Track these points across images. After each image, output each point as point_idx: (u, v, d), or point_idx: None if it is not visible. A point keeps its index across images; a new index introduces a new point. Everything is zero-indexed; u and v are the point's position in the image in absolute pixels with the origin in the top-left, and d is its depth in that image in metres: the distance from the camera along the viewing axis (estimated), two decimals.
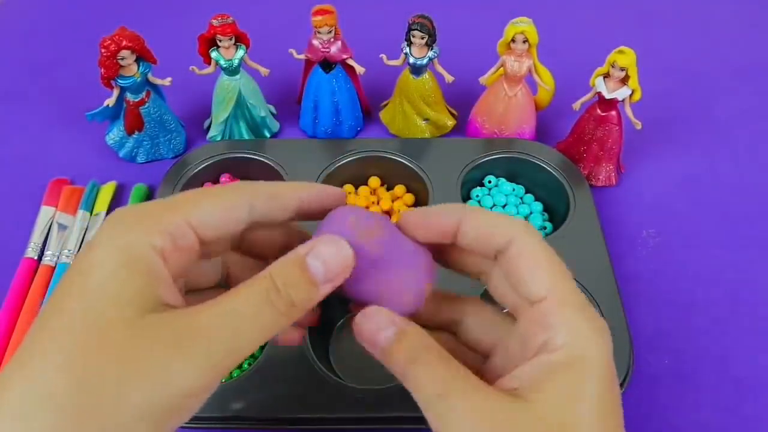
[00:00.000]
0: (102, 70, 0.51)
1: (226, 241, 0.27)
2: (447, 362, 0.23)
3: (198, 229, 0.23)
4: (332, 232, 0.25)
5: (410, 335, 0.24)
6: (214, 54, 0.54)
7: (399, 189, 0.55)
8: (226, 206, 0.24)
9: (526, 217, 0.53)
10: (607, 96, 0.51)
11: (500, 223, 0.25)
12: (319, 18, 0.53)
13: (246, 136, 0.59)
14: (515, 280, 0.24)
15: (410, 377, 0.23)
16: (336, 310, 0.47)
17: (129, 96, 0.54)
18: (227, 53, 0.54)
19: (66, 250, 0.50)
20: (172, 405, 0.21)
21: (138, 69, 0.53)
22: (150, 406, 0.20)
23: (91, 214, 0.53)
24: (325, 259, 0.23)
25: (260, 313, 0.22)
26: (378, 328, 0.24)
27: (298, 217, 0.27)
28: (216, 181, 0.55)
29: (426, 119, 0.59)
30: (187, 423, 0.41)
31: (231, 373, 0.43)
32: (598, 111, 0.53)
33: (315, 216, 0.27)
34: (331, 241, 0.24)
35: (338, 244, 0.24)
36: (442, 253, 0.28)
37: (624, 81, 0.51)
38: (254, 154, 0.54)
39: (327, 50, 0.55)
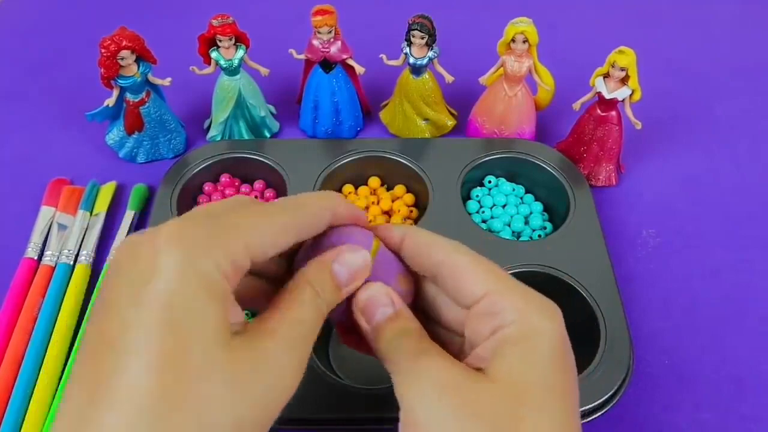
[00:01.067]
0: (102, 70, 0.51)
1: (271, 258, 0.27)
2: (422, 338, 0.26)
3: (252, 252, 0.23)
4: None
5: (402, 317, 0.27)
6: (214, 54, 0.54)
7: (399, 189, 0.55)
8: (279, 230, 0.25)
9: (526, 217, 0.53)
10: (607, 96, 0.51)
11: (437, 241, 0.28)
12: (319, 18, 0.53)
13: (246, 136, 0.59)
14: (455, 286, 0.27)
15: (390, 351, 0.26)
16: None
17: (129, 96, 0.54)
18: (227, 53, 0.54)
19: (66, 250, 0.50)
20: (269, 415, 0.23)
21: (138, 69, 0.53)
22: (252, 416, 0.22)
23: (91, 214, 0.53)
24: (349, 266, 0.26)
25: (315, 318, 0.25)
26: (378, 303, 0.27)
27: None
28: (216, 181, 0.55)
29: (426, 119, 0.59)
30: None
31: None
32: (598, 111, 0.53)
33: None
34: (353, 249, 0.27)
35: (359, 251, 0.27)
36: None
37: (624, 81, 0.51)
38: (254, 154, 0.54)
39: (327, 50, 0.55)
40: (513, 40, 0.52)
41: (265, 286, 0.28)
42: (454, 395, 0.23)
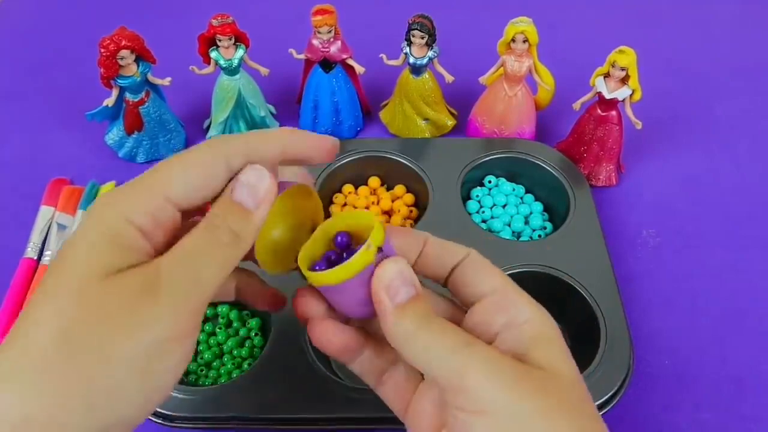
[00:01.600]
0: (102, 70, 0.51)
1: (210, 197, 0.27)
2: (454, 325, 0.25)
3: (178, 201, 0.24)
4: None
5: (425, 300, 0.26)
6: (213, 54, 0.54)
7: (399, 189, 0.55)
8: (201, 172, 0.25)
9: (526, 217, 0.53)
10: (608, 96, 0.51)
11: (456, 245, 0.29)
12: (319, 18, 0.53)
13: None
14: (469, 283, 0.28)
15: (420, 337, 0.25)
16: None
17: (129, 96, 0.54)
18: (227, 53, 0.54)
19: None
20: (152, 350, 0.22)
21: (138, 69, 0.53)
22: (132, 354, 0.22)
23: None
24: (249, 185, 0.25)
25: (209, 247, 0.24)
26: (405, 281, 0.25)
27: (284, 164, 0.27)
28: None
29: (426, 119, 0.59)
30: (187, 423, 0.41)
31: (231, 373, 0.43)
32: (598, 111, 0.53)
33: (305, 163, 0.28)
34: (251, 169, 0.25)
35: (257, 170, 0.25)
36: None
37: (624, 81, 0.51)
38: None
39: (327, 50, 0.55)
40: (513, 40, 0.52)
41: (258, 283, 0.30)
42: (521, 379, 0.24)
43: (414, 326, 0.25)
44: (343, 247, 0.27)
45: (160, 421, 0.39)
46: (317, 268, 0.27)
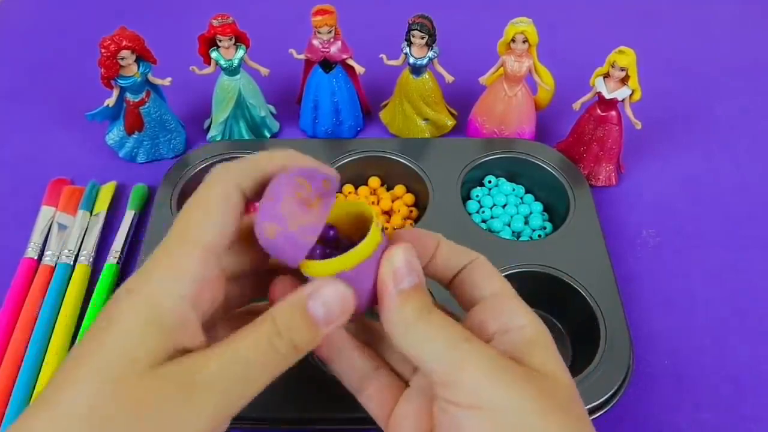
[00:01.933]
0: (102, 70, 0.51)
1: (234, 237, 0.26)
2: (453, 320, 0.25)
3: (215, 247, 0.24)
4: None
5: (424, 290, 0.26)
6: (214, 54, 0.54)
7: (399, 189, 0.55)
8: (223, 209, 0.24)
9: (526, 217, 0.53)
10: (607, 96, 0.52)
11: (465, 249, 0.29)
12: (319, 18, 0.53)
13: (246, 136, 0.59)
14: (471, 286, 0.28)
15: (420, 327, 0.25)
16: None
17: (129, 96, 0.54)
18: (227, 53, 0.54)
19: (66, 250, 0.50)
20: None
21: (138, 69, 0.53)
22: None
23: (91, 214, 0.53)
24: (326, 302, 0.24)
25: (266, 358, 0.23)
26: (411, 268, 0.25)
27: None
28: None
29: (426, 119, 0.59)
30: None
31: None
32: (598, 111, 0.53)
33: None
34: (332, 284, 0.24)
35: (341, 290, 0.24)
36: None
37: (624, 81, 0.51)
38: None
39: (327, 50, 0.55)
40: (513, 40, 0.52)
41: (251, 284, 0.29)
42: (520, 379, 0.24)
43: (415, 315, 0.25)
44: (333, 240, 0.27)
45: None
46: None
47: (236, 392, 0.23)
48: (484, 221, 0.53)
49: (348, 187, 0.55)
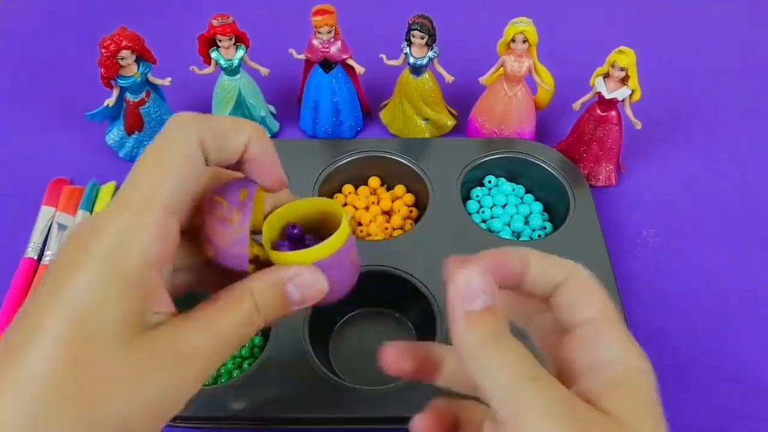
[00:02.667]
0: (102, 70, 0.51)
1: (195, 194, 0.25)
2: (527, 352, 0.23)
3: (172, 206, 0.23)
4: None
5: (498, 313, 0.23)
6: (214, 54, 0.54)
7: (399, 189, 0.55)
8: (186, 167, 0.23)
9: (526, 217, 0.53)
10: (607, 96, 0.51)
11: (560, 260, 0.26)
12: (319, 18, 0.53)
13: None
14: (569, 307, 0.25)
15: (486, 355, 0.22)
16: (335, 311, 0.47)
17: (129, 96, 0.54)
18: (227, 53, 0.54)
19: None
20: (162, 416, 0.22)
21: (138, 69, 0.53)
22: (142, 416, 0.21)
23: (91, 214, 0.53)
24: (303, 286, 0.25)
25: (245, 332, 0.24)
26: (476, 291, 0.23)
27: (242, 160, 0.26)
28: None
29: (426, 119, 0.59)
30: (187, 423, 0.41)
31: (231, 372, 0.43)
32: (598, 111, 0.53)
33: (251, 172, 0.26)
34: (311, 271, 0.25)
35: (319, 277, 0.25)
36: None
37: (624, 81, 0.51)
38: None
39: (327, 50, 0.55)
40: (513, 40, 0.52)
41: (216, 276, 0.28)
42: (586, 428, 0.21)
43: (481, 341, 0.22)
44: (298, 237, 0.27)
45: None
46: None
47: (215, 363, 0.23)
48: (484, 221, 0.53)
49: (348, 187, 0.55)
